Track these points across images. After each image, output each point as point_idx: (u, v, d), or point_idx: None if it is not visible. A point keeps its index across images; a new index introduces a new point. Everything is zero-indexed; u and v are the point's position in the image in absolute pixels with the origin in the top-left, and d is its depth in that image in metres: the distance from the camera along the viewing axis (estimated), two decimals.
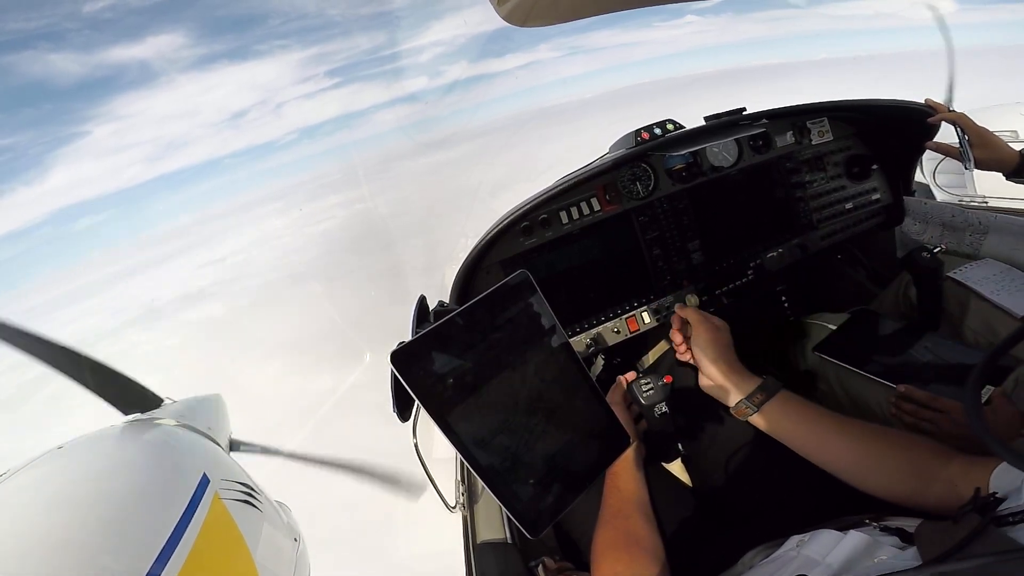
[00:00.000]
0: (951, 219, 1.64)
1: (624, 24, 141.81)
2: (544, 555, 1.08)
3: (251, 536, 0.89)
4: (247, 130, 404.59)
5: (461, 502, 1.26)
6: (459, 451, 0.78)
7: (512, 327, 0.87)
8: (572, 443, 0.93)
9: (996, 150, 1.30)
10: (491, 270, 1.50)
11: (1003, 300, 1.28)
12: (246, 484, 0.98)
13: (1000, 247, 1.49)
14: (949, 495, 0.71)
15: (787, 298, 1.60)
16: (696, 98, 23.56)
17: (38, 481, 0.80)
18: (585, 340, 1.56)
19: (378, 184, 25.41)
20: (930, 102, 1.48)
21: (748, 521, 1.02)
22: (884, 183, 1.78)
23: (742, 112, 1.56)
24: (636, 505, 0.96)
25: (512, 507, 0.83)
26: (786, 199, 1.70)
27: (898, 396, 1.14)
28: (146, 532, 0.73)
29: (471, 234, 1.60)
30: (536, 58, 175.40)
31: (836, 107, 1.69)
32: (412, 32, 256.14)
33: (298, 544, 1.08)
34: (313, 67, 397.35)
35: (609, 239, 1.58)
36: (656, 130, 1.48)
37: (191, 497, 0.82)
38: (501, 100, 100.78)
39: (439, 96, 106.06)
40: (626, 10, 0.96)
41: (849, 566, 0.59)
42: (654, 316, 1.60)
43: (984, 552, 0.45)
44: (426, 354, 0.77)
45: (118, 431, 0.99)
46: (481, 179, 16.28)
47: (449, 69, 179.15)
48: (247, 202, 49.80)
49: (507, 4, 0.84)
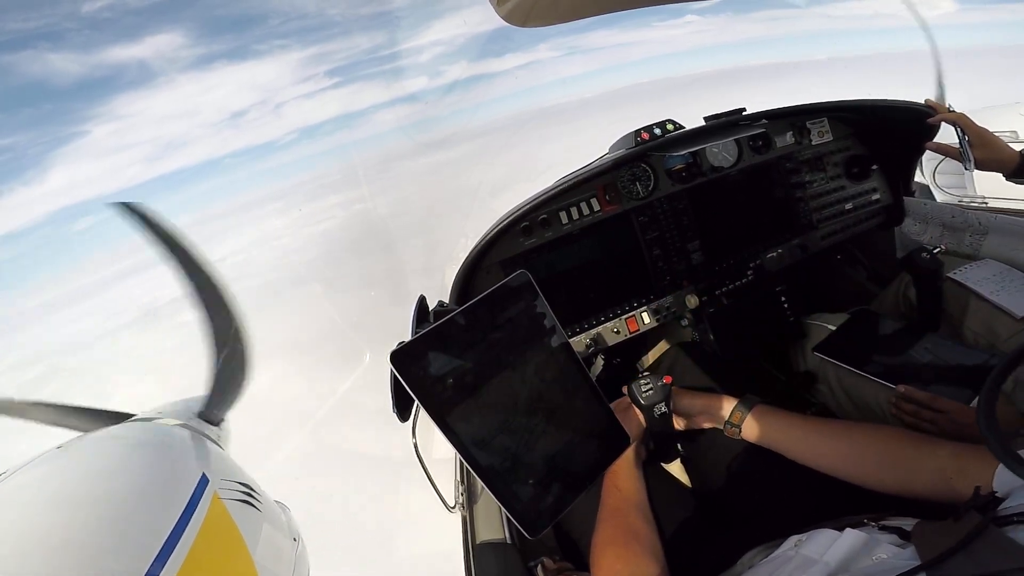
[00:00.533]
0: (951, 220, 1.64)
1: (623, 24, 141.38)
2: (544, 555, 1.08)
3: (250, 536, 0.89)
4: (247, 130, 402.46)
5: (460, 502, 1.25)
6: (458, 451, 0.78)
7: (512, 327, 0.87)
8: (572, 443, 0.93)
9: (996, 150, 1.30)
10: (491, 270, 1.50)
11: (1003, 300, 1.28)
12: (246, 484, 0.98)
13: (1000, 248, 1.49)
14: (939, 484, 0.74)
15: (787, 298, 1.60)
16: (696, 98, 23.55)
17: (37, 480, 0.80)
18: (585, 340, 1.56)
19: (378, 184, 25.39)
20: (930, 102, 1.48)
21: (747, 521, 1.02)
22: (884, 183, 1.78)
23: (742, 112, 1.56)
24: (635, 504, 0.96)
25: (512, 507, 0.83)
26: (786, 199, 1.70)
27: (898, 397, 1.14)
28: (145, 532, 0.73)
29: (471, 234, 1.60)
30: (536, 58, 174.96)
31: (836, 107, 1.69)
32: (412, 32, 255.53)
33: (298, 544, 1.08)
34: (313, 67, 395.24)
35: (609, 239, 1.58)
36: (656, 130, 1.48)
37: (190, 497, 0.82)
38: (501, 100, 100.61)
39: (439, 96, 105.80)
40: (626, 10, 0.96)
41: (847, 565, 0.59)
42: (654, 316, 1.60)
43: (985, 553, 0.44)
44: (426, 354, 0.77)
45: (118, 430, 0.99)
46: (481, 179, 16.27)
47: (449, 69, 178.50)
48: (247, 202, 49.77)
49: (507, 4, 0.84)
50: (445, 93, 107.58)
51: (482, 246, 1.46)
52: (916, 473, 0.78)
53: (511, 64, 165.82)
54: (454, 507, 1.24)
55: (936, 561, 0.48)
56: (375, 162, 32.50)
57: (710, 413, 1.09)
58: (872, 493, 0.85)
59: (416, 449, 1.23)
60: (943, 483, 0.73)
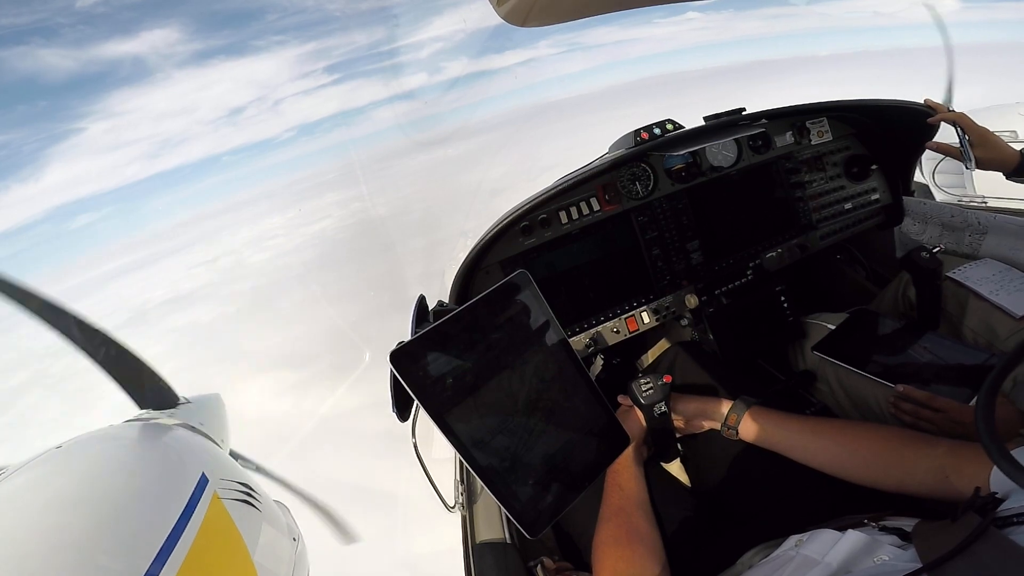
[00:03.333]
0: (950, 219, 1.64)
1: (624, 21, 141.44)
2: (543, 555, 1.08)
3: (250, 536, 0.89)
4: (245, 127, 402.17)
5: (460, 502, 1.25)
6: (458, 451, 0.78)
7: (511, 327, 0.87)
8: (571, 443, 0.93)
9: (996, 150, 1.30)
10: (490, 270, 1.50)
11: (1002, 300, 1.28)
12: (245, 484, 0.98)
13: (999, 247, 1.49)
14: (937, 481, 0.74)
15: (786, 298, 1.60)
16: (696, 96, 23.51)
17: (37, 481, 0.80)
18: (584, 340, 1.56)
19: (377, 182, 25.35)
20: (929, 102, 1.48)
21: (747, 520, 1.02)
22: (883, 183, 1.78)
23: (741, 112, 1.56)
24: (637, 503, 0.96)
25: (511, 507, 0.83)
26: (785, 199, 1.70)
27: (897, 396, 1.14)
28: (145, 531, 0.73)
29: (470, 234, 1.60)
30: (536, 55, 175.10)
31: (835, 107, 1.69)
32: (411, 28, 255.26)
33: (297, 544, 1.08)
34: (311, 63, 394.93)
35: (608, 239, 1.58)
36: (655, 130, 1.48)
37: (190, 496, 0.82)
38: (501, 97, 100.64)
39: (438, 94, 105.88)
40: (625, 10, 0.96)
41: (848, 566, 0.59)
42: (653, 316, 1.60)
43: (985, 555, 0.44)
44: (425, 354, 0.77)
45: (117, 430, 0.99)
46: (481, 177, 16.23)
47: (449, 66, 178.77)
48: (245, 200, 49.72)
49: (506, 4, 0.84)
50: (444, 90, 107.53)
51: (482, 246, 1.46)
52: (913, 471, 0.79)
53: (511, 61, 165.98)
54: (454, 507, 1.24)
55: (937, 563, 0.48)
56: (374, 159, 32.40)
57: (707, 415, 1.10)
58: (872, 493, 0.85)
59: (416, 449, 1.23)
60: (941, 481, 0.73)
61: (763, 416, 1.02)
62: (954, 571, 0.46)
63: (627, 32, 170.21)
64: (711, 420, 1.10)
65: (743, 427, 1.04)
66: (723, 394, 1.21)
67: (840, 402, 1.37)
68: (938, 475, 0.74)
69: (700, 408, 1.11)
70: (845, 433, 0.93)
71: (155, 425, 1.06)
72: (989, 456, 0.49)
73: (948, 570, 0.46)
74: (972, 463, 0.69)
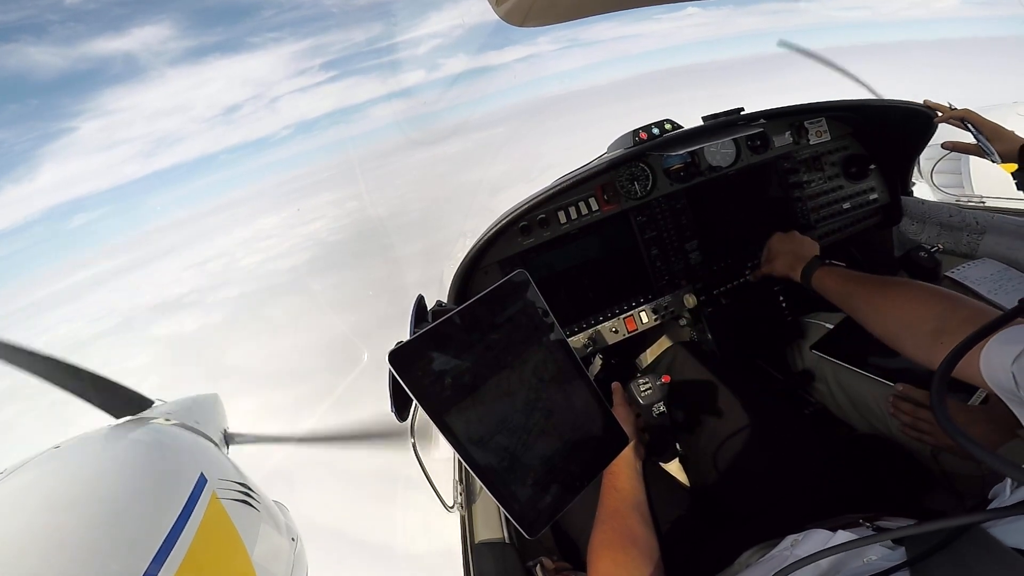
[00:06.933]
0: (948, 219, 1.64)
1: (624, 17, 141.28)
2: (542, 555, 1.08)
3: (248, 536, 0.89)
4: (241, 125, 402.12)
5: (459, 502, 1.26)
6: (457, 451, 0.78)
7: (510, 327, 0.86)
8: (570, 443, 0.93)
9: (1011, 141, 1.28)
10: (489, 270, 1.50)
11: (1001, 299, 1.29)
12: (244, 484, 0.98)
13: (997, 247, 1.50)
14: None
15: (784, 298, 1.60)
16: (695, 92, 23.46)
17: (34, 481, 0.80)
18: (583, 340, 1.57)
19: (375, 181, 25.29)
20: (929, 103, 1.48)
21: (745, 521, 1.02)
22: (882, 183, 1.78)
23: (740, 112, 1.56)
24: (633, 505, 0.96)
25: (510, 507, 0.83)
26: (784, 199, 1.70)
27: (896, 395, 1.14)
28: (143, 532, 0.73)
29: (469, 233, 1.60)
30: (535, 51, 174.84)
31: (834, 107, 1.69)
32: (409, 24, 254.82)
33: (296, 544, 1.08)
34: (308, 60, 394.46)
35: (607, 239, 1.58)
36: (654, 130, 1.48)
37: (188, 497, 0.82)
38: (500, 94, 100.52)
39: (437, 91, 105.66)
40: (624, 10, 0.96)
41: (838, 566, 0.59)
42: (652, 316, 1.60)
43: (967, 551, 0.45)
44: (424, 354, 0.77)
45: (115, 431, 0.99)
46: (481, 176, 16.18)
47: (447, 62, 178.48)
48: (240, 199, 49.57)
49: (505, 3, 0.83)
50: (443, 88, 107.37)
51: (480, 246, 1.46)
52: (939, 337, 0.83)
53: (510, 57, 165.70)
54: (453, 507, 1.25)
55: (919, 559, 0.48)
56: (372, 157, 32.37)
57: (791, 267, 1.25)
58: (869, 493, 0.85)
59: (415, 449, 1.23)
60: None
61: (829, 272, 1.13)
62: (937, 567, 0.46)
63: (628, 28, 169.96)
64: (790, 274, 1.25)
65: (815, 277, 1.16)
66: (722, 394, 1.21)
67: (839, 401, 1.37)
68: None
69: (791, 263, 1.26)
70: (902, 290, 0.93)
71: (154, 425, 1.06)
72: (960, 445, 0.49)
73: (931, 566, 0.46)
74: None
